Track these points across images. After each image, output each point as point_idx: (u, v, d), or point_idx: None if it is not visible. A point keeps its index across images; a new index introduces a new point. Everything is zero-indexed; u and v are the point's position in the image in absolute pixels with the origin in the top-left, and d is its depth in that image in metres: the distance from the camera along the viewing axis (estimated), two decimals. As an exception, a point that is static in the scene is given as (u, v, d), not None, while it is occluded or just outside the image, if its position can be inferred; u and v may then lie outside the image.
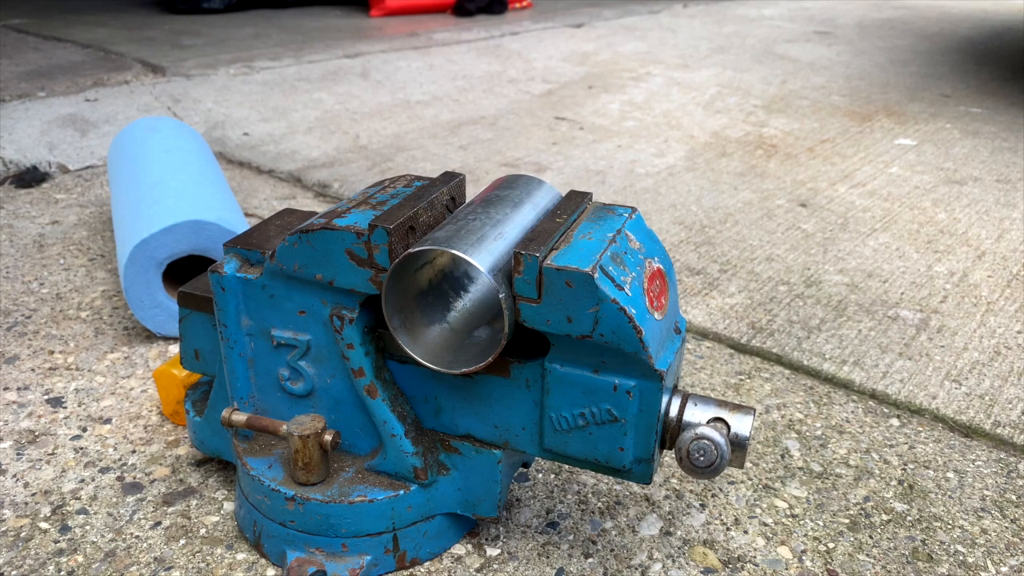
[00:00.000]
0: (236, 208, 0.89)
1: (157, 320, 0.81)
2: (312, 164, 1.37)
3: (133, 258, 0.77)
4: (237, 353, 0.55)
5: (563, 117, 1.71)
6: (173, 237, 0.78)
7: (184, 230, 0.78)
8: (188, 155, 0.97)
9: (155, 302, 0.80)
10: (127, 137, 1.02)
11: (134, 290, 0.79)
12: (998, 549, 0.59)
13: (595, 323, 0.45)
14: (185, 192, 0.84)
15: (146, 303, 0.80)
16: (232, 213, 0.84)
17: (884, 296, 0.96)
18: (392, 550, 0.54)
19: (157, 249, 0.78)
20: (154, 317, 0.80)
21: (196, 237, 0.79)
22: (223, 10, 2.73)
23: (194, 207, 0.80)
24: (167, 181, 0.87)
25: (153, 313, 0.80)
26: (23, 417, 0.70)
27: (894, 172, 1.42)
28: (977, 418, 0.73)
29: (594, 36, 2.64)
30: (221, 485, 0.62)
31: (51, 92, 1.61)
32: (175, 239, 0.78)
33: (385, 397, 0.52)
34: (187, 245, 0.79)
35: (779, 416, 0.73)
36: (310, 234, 0.50)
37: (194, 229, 0.78)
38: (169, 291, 0.81)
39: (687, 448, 0.48)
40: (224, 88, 1.77)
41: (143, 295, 0.79)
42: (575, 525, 0.59)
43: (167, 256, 0.78)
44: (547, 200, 0.53)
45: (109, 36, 2.19)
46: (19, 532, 0.57)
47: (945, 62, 2.36)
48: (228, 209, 0.85)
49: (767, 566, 0.56)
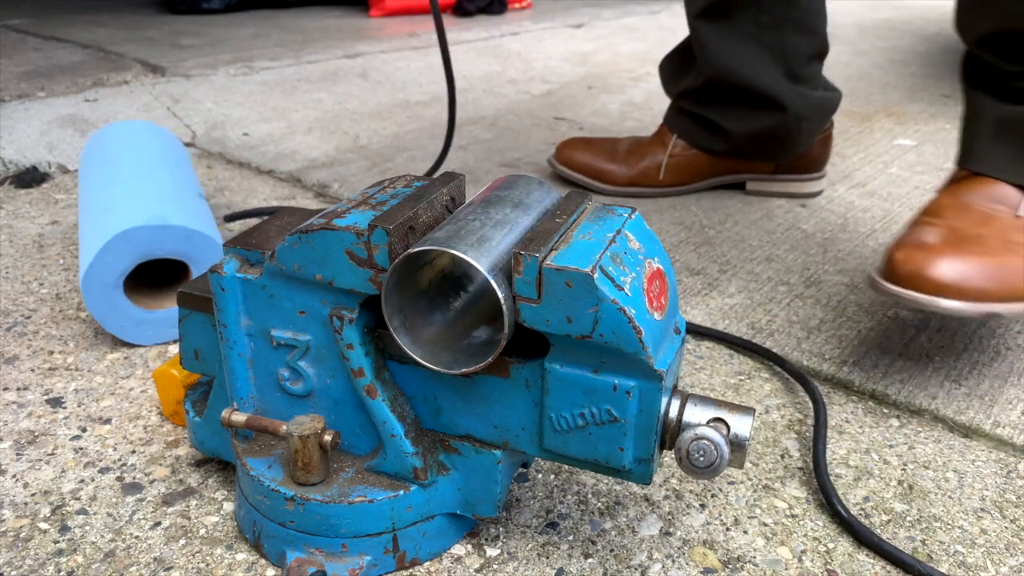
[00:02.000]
0: (189, 201, 0.86)
1: (123, 329, 0.80)
2: (312, 164, 1.37)
3: (89, 285, 0.76)
4: (237, 353, 0.55)
5: (563, 117, 1.71)
6: (112, 256, 0.76)
7: (122, 244, 0.76)
8: (125, 163, 0.93)
9: (120, 312, 0.79)
10: (87, 152, 1.00)
11: (97, 306, 0.78)
12: (998, 549, 0.59)
13: (595, 323, 0.45)
14: (121, 206, 0.82)
15: (110, 314, 0.79)
16: (178, 207, 0.82)
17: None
18: (392, 550, 0.54)
19: (106, 273, 0.76)
20: (121, 327, 0.80)
21: (147, 245, 0.77)
22: (223, 10, 2.73)
23: (125, 218, 0.78)
24: (107, 196, 0.85)
25: (120, 323, 0.79)
26: (23, 417, 0.70)
27: (894, 172, 1.42)
28: (977, 418, 0.73)
29: (594, 36, 2.64)
30: (221, 485, 0.62)
31: (51, 92, 1.61)
32: (116, 257, 0.76)
33: (385, 397, 0.52)
34: (130, 259, 0.77)
35: (779, 416, 0.73)
36: (310, 234, 0.50)
37: (132, 239, 0.76)
38: (135, 296, 0.80)
39: (687, 448, 0.48)
40: (224, 88, 1.77)
41: (105, 308, 0.78)
42: (575, 525, 0.59)
43: (120, 273, 0.77)
44: (547, 200, 0.53)
45: (109, 36, 2.19)
46: (19, 532, 0.57)
47: (945, 62, 2.36)
48: (166, 204, 0.82)
49: (767, 566, 0.56)
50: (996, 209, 0.74)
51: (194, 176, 0.99)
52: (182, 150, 1.05)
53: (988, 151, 0.78)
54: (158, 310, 0.80)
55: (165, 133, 1.06)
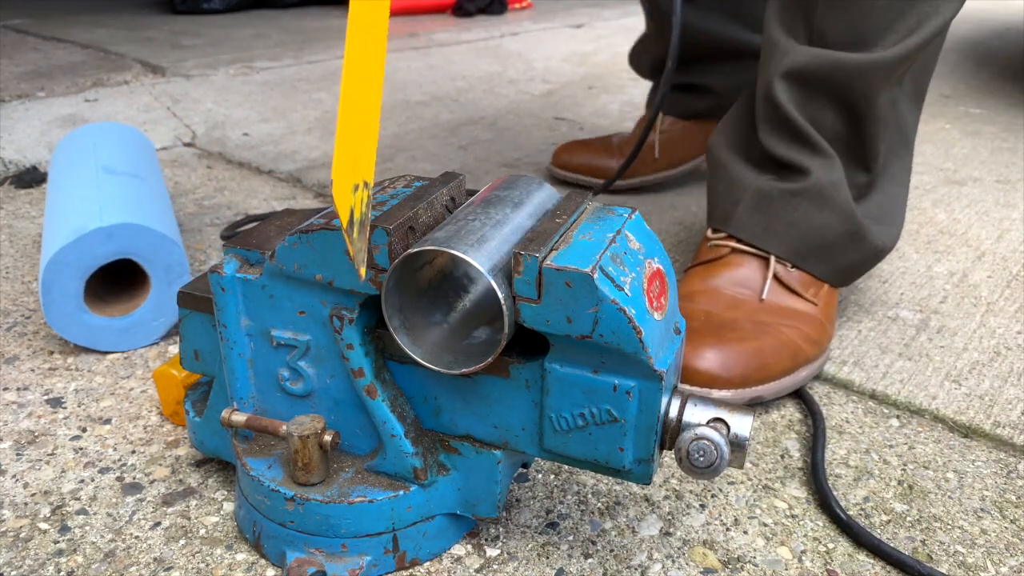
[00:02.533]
0: (118, 197, 0.83)
1: (106, 341, 0.79)
2: (312, 164, 1.37)
3: (47, 290, 0.75)
4: (236, 353, 0.55)
5: (563, 117, 1.71)
6: (58, 289, 0.75)
7: (55, 274, 0.74)
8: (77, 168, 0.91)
9: (92, 328, 0.78)
10: (54, 161, 0.98)
11: (69, 332, 0.77)
12: (998, 549, 0.59)
13: (595, 323, 0.45)
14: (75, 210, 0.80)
15: (85, 335, 0.78)
16: (94, 210, 0.79)
17: (884, 296, 0.96)
18: (392, 550, 0.54)
19: (63, 302, 0.75)
20: (101, 339, 0.79)
21: (83, 260, 0.75)
22: (223, 10, 2.73)
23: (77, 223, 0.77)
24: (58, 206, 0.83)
25: (97, 336, 0.78)
26: (23, 417, 0.70)
27: (894, 172, 1.42)
28: (977, 418, 0.73)
29: (594, 36, 2.65)
30: (221, 485, 0.62)
31: (51, 92, 1.61)
32: (61, 287, 0.75)
33: (385, 397, 0.52)
34: (75, 281, 0.75)
35: (779, 416, 0.73)
36: (310, 234, 0.50)
37: (63, 263, 0.74)
38: (103, 305, 0.79)
39: (687, 448, 0.48)
40: (224, 88, 1.77)
41: (78, 331, 0.77)
42: (575, 525, 0.59)
43: (74, 297, 0.76)
44: (547, 200, 0.53)
45: (109, 36, 2.19)
46: (18, 532, 0.57)
47: (945, 62, 2.36)
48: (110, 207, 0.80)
49: (767, 566, 0.56)
50: (741, 293, 0.79)
51: (143, 163, 0.96)
52: (132, 139, 1.01)
53: (748, 220, 0.82)
54: (134, 311, 0.79)
55: (107, 127, 1.02)
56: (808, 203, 0.80)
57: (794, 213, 0.80)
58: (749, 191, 0.82)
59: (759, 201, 0.82)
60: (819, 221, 0.80)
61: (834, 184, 0.80)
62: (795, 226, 0.80)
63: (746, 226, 0.82)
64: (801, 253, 0.80)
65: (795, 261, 0.80)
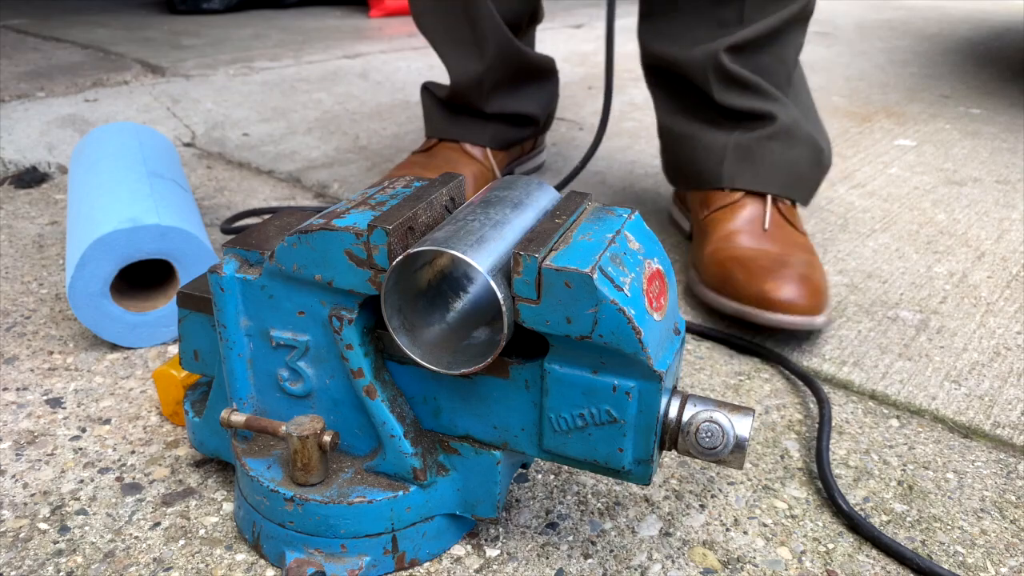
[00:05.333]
0: (166, 199, 0.85)
1: (118, 334, 0.80)
2: (312, 164, 1.37)
3: (74, 287, 0.76)
4: (236, 354, 0.55)
5: (563, 117, 1.71)
6: (93, 265, 0.76)
7: (99, 252, 0.76)
8: (113, 165, 0.92)
9: (112, 318, 0.79)
10: (72, 163, 0.99)
11: (87, 316, 0.78)
12: (998, 550, 0.59)
13: (594, 324, 0.45)
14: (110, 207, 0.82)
15: (102, 322, 0.79)
16: (151, 206, 0.81)
17: (884, 297, 0.96)
18: (391, 551, 0.54)
19: (90, 283, 0.76)
20: (115, 332, 0.80)
21: (125, 248, 0.76)
22: (223, 10, 2.73)
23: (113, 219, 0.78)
24: (94, 197, 0.85)
25: (114, 329, 0.79)
26: (22, 417, 0.70)
27: (894, 173, 1.42)
28: (977, 419, 0.73)
29: (594, 36, 2.64)
30: (220, 486, 0.62)
31: (51, 92, 1.61)
32: (96, 265, 0.76)
33: (384, 398, 0.52)
34: (110, 265, 0.77)
35: (778, 417, 0.73)
36: (309, 235, 0.50)
37: (109, 245, 0.76)
38: (127, 300, 0.80)
39: (697, 425, 0.49)
40: (224, 88, 1.77)
41: (96, 317, 0.78)
42: (574, 526, 0.59)
43: (103, 281, 0.77)
44: (546, 201, 0.53)
45: (109, 36, 2.19)
46: (18, 533, 0.57)
47: (945, 63, 2.36)
48: (151, 208, 0.81)
49: (767, 567, 0.56)
50: (759, 233, 0.92)
51: (180, 172, 0.99)
52: (168, 147, 1.04)
53: (737, 171, 0.95)
54: (150, 311, 0.80)
55: (147, 131, 1.05)
56: (780, 143, 0.95)
57: (773, 155, 0.94)
58: (729, 147, 0.95)
59: (742, 153, 0.95)
60: (794, 155, 0.95)
61: (795, 120, 0.96)
62: (776, 165, 0.94)
63: (739, 177, 0.94)
64: (788, 186, 0.94)
65: (785, 194, 0.94)
